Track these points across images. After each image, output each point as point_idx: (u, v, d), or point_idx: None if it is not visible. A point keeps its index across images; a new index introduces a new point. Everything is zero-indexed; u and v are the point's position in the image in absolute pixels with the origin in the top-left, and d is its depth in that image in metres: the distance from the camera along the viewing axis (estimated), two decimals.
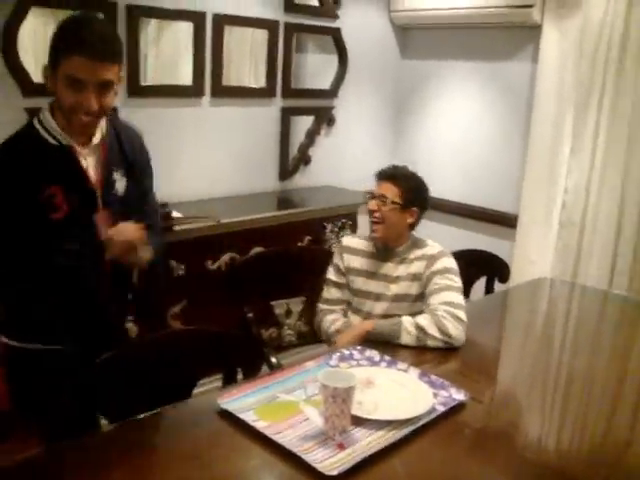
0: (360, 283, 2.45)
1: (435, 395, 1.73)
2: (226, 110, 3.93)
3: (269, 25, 4.05)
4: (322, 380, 1.49)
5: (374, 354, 1.96)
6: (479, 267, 3.01)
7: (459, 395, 1.74)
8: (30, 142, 1.83)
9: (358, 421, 1.58)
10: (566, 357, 2.29)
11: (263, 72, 4.11)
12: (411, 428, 1.58)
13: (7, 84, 3.14)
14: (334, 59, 4.49)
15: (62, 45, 1.73)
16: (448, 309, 2.13)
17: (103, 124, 1.92)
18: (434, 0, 4.36)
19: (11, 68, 3.14)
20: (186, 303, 3.29)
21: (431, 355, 2.06)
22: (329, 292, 2.53)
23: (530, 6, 3.88)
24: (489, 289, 3.05)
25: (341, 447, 1.48)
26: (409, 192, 2.38)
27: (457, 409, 1.71)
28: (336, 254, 2.56)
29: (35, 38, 3.26)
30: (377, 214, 2.37)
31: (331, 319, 2.47)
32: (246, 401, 1.66)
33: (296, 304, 3.46)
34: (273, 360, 2.50)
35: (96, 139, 1.90)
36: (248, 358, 2.03)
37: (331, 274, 2.54)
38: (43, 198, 1.79)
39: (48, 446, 1.68)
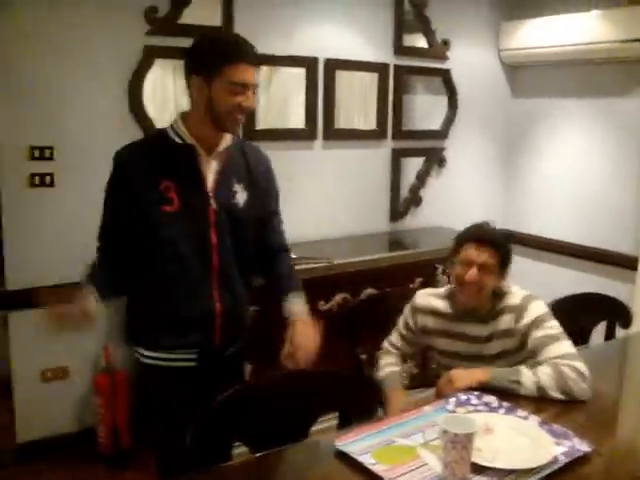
0: (444, 344, 2.33)
1: (557, 445, 1.67)
2: (338, 153, 4.01)
3: (379, 68, 4.13)
4: (442, 425, 1.48)
5: (492, 400, 1.91)
6: (597, 312, 2.89)
7: (583, 446, 1.67)
8: (157, 140, 2.05)
9: (477, 469, 1.55)
10: None
11: (374, 114, 4.18)
12: (532, 479, 1.53)
13: (132, 130, 3.32)
14: (444, 100, 4.51)
15: (227, 55, 1.90)
16: (568, 363, 1.99)
17: (228, 136, 2.07)
18: (543, 38, 4.32)
19: (136, 115, 3.34)
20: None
21: (550, 404, 1.98)
22: (395, 337, 2.49)
23: None
24: (610, 335, 2.91)
25: None
26: (507, 256, 2.21)
27: (580, 461, 1.64)
28: (408, 311, 2.44)
29: (157, 87, 3.45)
30: (475, 280, 2.15)
31: (384, 363, 2.44)
32: (363, 444, 1.66)
33: None
34: None
35: (221, 147, 2.04)
36: (363, 400, 2.03)
37: (400, 324, 2.47)
38: (160, 190, 1.95)
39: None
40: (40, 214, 3.19)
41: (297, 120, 3.93)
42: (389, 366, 2.42)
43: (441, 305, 2.35)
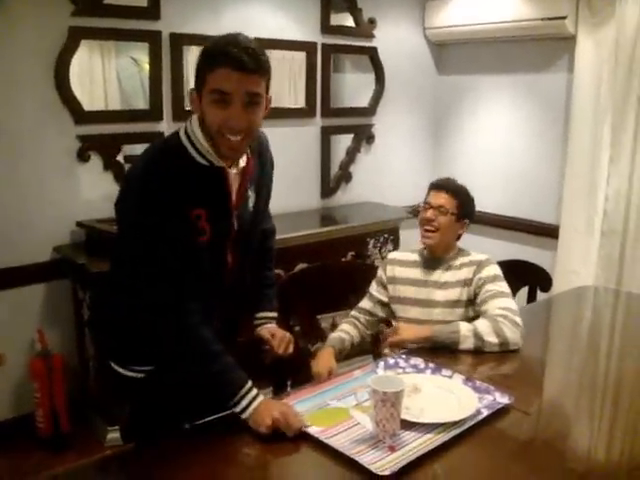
0: (408, 291, 2.52)
1: (480, 399, 1.78)
2: (268, 131, 4.01)
3: (307, 47, 4.17)
4: (372, 385, 1.56)
5: (419, 362, 2.02)
6: (521, 277, 3.03)
7: (503, 399, 1.79)
8: (181, 160, 1.70)
9: (406, 425, 1.64)
10: (613, 364, 2.27)
11: (303, 93, 4.23)
12: (457, 431, 1.63)
13: (61, 113, 3.32)
14: (371, 77, 4.59)
15: (208, 62, 1.65)
16: (505, 314, 2.21)
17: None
18: (467, 15, 4.44)
19: (64, 98, 3.32)
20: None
21: (475, 363, 2.10)
22: (364, 300, 2.66)
23: (563, 17, 3.93)
24: (531, 299, 3.07)
25: (392, 449, 1.55)
26: (464, 204, 2.50)
27: (502, 416, 1.75)
28: (380, 268, 2.66)
29: (84, 69, 3.43)
30: (434, 223, 2.45)
31: (337, 329, 2.60)
32: (299, 408, 1.73)
33: (341, 318, 3.51)
34: None
35: (243, 161, 1.80)
36: (297, 369, 2.11)
37: (372, 286, 2.64)
38: (191, 220, 1.70)
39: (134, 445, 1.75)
40: None
41: None
42: (339, 331, 2.57)
43: (412, 256, 2.60)
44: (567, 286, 3.48)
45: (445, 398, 1.80)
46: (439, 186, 2.53)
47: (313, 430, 1.63)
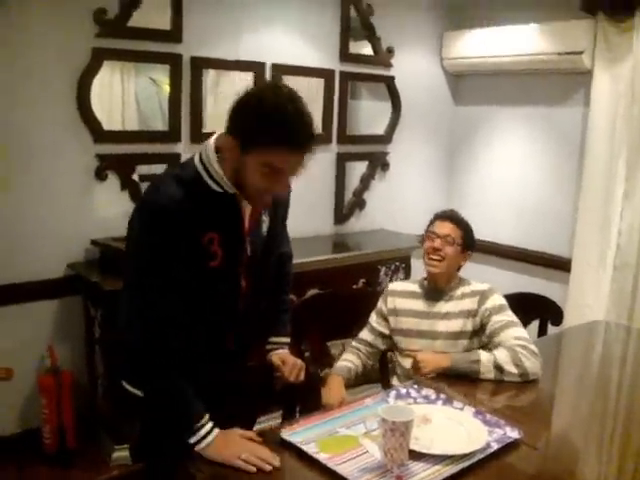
0: (411, 323, 2.53)
1: (490, 433, 1.77)
2: None
3: (325, 74, 4.21)
4: (382, 414, 1.56)
5: (430, 393, 2.02)
6: (532, 310, 3.02)
7: (513, 433, 1.78)
8: (194, 186, 1.69)
9: (415, 456, 1.63)
10: (623, 400, 2.26)
11: (319, 119, 4.26)
12: (466, 464, 1.63)
13: (81, 132, 3.36)
14: (388, 106, 4.62)
15: (267, 133, 1.59)
16: (523, 344, 2.22)
17: None
18: (485, 47, 4.47)
19: (85, 117, 3.36)
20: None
21: (485, 397, 2.10)
22: (364, 331, 2.66)
23: (580, 52, 3.97)
24: (542, 332, 3.06)
25: (399, 479, 1.55)
26: (468, 235, 2.53)
27: (511, 450, 1.74)
28: (381, 299, 2.66)
29: (104, 89, 3.47)
30: (441, 253, 2.47)
31: (341, 358, 2.62)
32: (308, 434, 1.74)
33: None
34: None
35: None
36: (307, 396, 2.11)
37: (372, 318, 2.65)
38: (203, 245, 1.70)
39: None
40: None
41: None
42: (343, 361, 2.58)
43: (412, 287, 2.62)
44: (579, 319, 3.47)
45: (455, 430, 1.79)
46: (444, 216, 2.57)
47: (322, 457, 1.63)
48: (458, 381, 2.15)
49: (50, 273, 3.36)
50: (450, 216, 2.57)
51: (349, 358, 2.60)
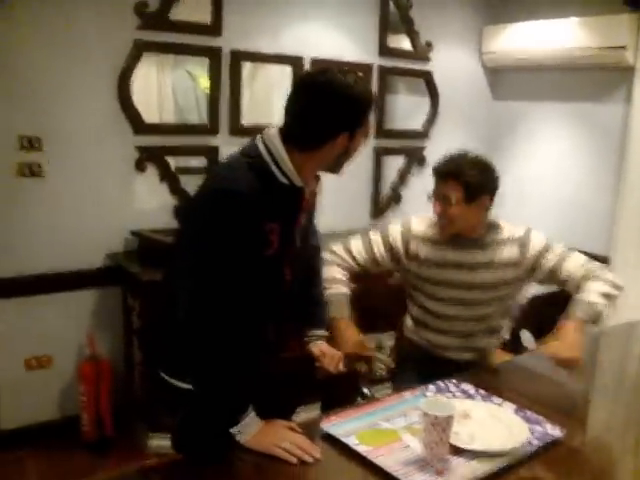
0: (435, 273, 2.37)
1: (531, 430, 1.76)
2: None
3: (364, 68, 4.19)
4: (424, 408, 1.56)
5: (469, 387, 2.01)
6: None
7: (555, 431, 1.77)
8: (263, 176, 1.71)
9: (455, 450, 1.63)
10: None
11: None
12: (507, 460, 1.62)
13: (121, 124, 3.39)
14: (426, 100, 4.60)
15: (368, 105, 1.76)
16: (591, 267, 2.27)
17: None
18: (525, 41, 4.42)
19: (125, 109, 3.40)
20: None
21: (520, 395, 2.07)
22: (359, 246, 2.43)
23: (623, 47, 3.89)
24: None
25: (440, 473, 1.54)
26: (474, 185, 2.24)
27: (551, 447, 1.73)
28: (399, 233, 2.43)
29: (143, 81, 3.50)
30: (443, 215, 2.29)
31: (331, 277, 2.34)
32: (348, 426, 1.74)
33: (387, 339, 3.52)
34: (365, 391, 2.57)
35: (313, 185, 1.87)
36: (344, 388, 2.11)
37: (377, 239, 2.43)
38: (264, 233, 1.72)
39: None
40: (29, 203, 3.23)
41: (281, 117, 3.98)
42: (337, 283, 2.36)
43: (435, 232, 2.40)
44: (617, 319, 3.42)
45: (495, 426, 1.78)
46: (440, 173, 2.30)
47: (362, 449, 1.63)
48: (494, 376, 2.13)
49: (90, 263, 3.41)
50: (445, 171, 2.27)
51: (339, 278, 2.37)
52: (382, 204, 4.50)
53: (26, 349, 3.34)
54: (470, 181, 2.23)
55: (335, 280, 2.36)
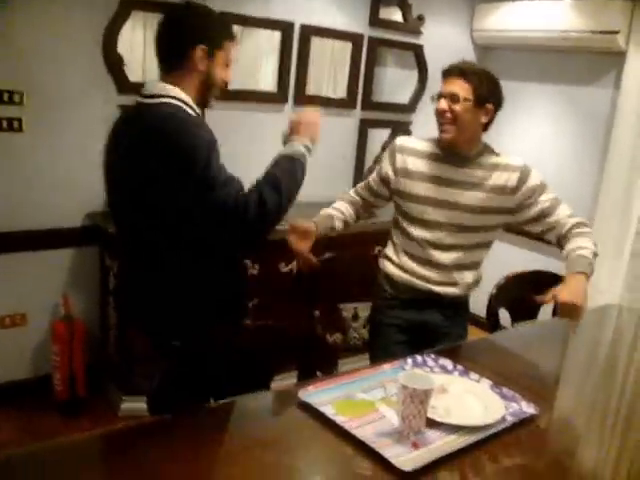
0: (424, 189, 2.31)
1: (506, 407, 1.77)
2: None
3: (354, 38, 4.16)
4: (402, 381, 1.56)
5: (447, 363, 2.01)
6: (548, 289, 3.00)
7: (529, 408, 1.78)
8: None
9: (431, 424, 1.64)
10: (629, 387, 2.25)
11: (345, 83, 4.22)
12: (482, 435, 1.63)
13: (105, 82, 3.33)
14: (414, 74, 4.57)
15: (229, 30, 1.93)
16: (579, 220, 2.29)
17: None
18: (517, 21, 4.40)
19: (110, 67, 3.33)
20: (257, 302, 3.39)
21: (496, 372, 2.07)
22: (363, 183, 2.56)
23: (616, 32, 3.89)
24: (557, 312, 3.03)
25: (415, 446, 1.55)
26: (482, 87, 2.21)
27: (524, 424, 1.74)
28: (387, 155, 2.43)
29: (128, 40, 3.43)
30: (448, 114, 2.21)
31: (332, 205, 2.50)
32: (325, 396, 1.74)
33: (364, 309, 3.53)
34: None
35: None
36: (324, 357, 2.11)
37: (374, 173, 2.50)
38: None
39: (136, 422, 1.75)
40: (7, 159, 3.17)
41: (267, 83, 3.95)
42: (330, 208, 2.49)
43: (426, 146, 2.36)
44: (591, 304, 3.44)
45: (471, 401, 1.79)
46: (450, 71, 2.25)
47: (338, 419, 1.63)
48: (472, 352, 2.14)
49: (68, 222, 3.36)
50: (455, 70, 2.24)
51: (337, 205, 2.47)
52: (365, 176, 4.46)
53: (1, 307, 3.29)
54: (481, 83, 2.22)
55: (332, 205, 2.50)
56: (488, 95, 2.23)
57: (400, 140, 2.43)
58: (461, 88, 2.20)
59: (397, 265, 2.45)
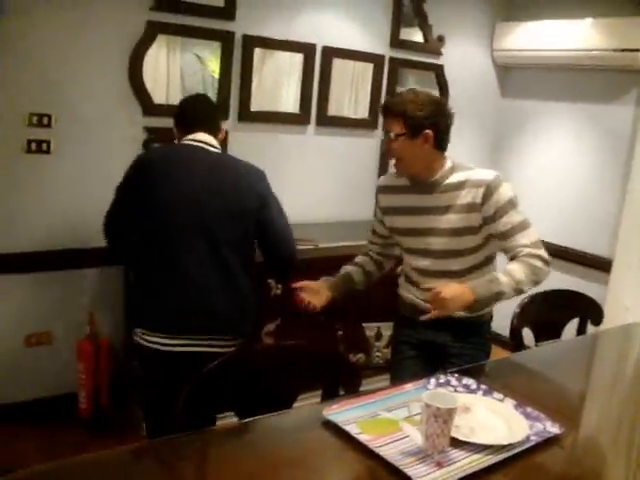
0: (404, 222, 2.36)
1: (530, 426, 1.77)
2: (330, 139, 4.08)
3: (375, 59, 4.20)
4: (426, 400, 1.57)
5: (471, 382, 2.01)
6: (571, 308, 3.00)
7: (554, 428, 1.77)
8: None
9: (455, 443, 1.64)
10: None
11: (366, 104, 4.25)
12: (506, 455, 1.63)
13: (131, 104, 3.39)
14: (434, 94, 4.57)
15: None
16: (537, 253, 2.15)
17: None
18: (537, 41, 4.42)
19: (136, 89, 3.39)
20: (280, 322, 3.41)
21: (520, 391, 2.06)
22: (369, 232, 2.61)
23: (637, 50, 3.89)
24: (581, 331, 3.03)
25: (439, 465, 1.55)
26: (413, 117, 2.16)
27: (549, 444, 1.73)
28: (376, 199, 2.51)
29: (153, 62, 3.49)
30: (392, 152, 2.24)
31: (355, 261, 2.57)
32: (349, 415, 1.75)
33: (386, 329, 3.53)
34: None
35: None
36: (348, 376, 2.12)
37: (373, 221, 2.60)
38: None
39: (149, 440, 1.77)
40: (35, 180, 3.23)
41: (290, 104, 4.00)
42: (349, 264, 2.57)
43: (398, 181, 2.39)
44: (616, 321, 3.43)
45: (495, 421, 1.79)
46: (382, 109, 2.28)
47: (363, 438, 1.64)
48: (495, 372, 2.14)
49: (94, 242, 3.39)
50: (384, 108, 2.26)
51: (356, 260, 2.53)
52: None
53: (27, 325, 3.34)
54: (408, 114, 2.16)
55: (350, 262, 2.58)
56: (423, 121, 2.18)
57: (379, 181, 2.54)
58: (393, 125, 2.20)
59: (403, 287, 2.53)
